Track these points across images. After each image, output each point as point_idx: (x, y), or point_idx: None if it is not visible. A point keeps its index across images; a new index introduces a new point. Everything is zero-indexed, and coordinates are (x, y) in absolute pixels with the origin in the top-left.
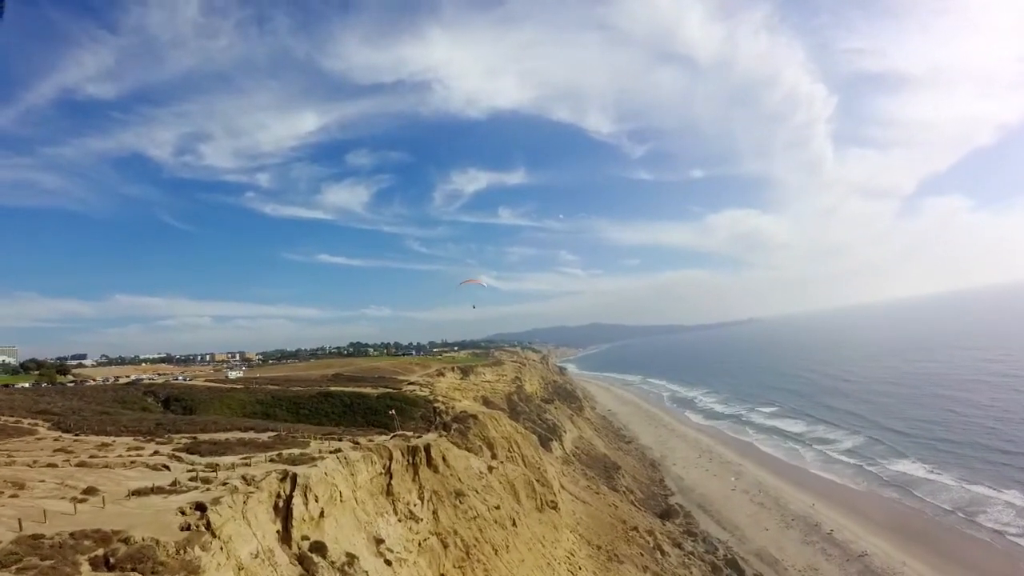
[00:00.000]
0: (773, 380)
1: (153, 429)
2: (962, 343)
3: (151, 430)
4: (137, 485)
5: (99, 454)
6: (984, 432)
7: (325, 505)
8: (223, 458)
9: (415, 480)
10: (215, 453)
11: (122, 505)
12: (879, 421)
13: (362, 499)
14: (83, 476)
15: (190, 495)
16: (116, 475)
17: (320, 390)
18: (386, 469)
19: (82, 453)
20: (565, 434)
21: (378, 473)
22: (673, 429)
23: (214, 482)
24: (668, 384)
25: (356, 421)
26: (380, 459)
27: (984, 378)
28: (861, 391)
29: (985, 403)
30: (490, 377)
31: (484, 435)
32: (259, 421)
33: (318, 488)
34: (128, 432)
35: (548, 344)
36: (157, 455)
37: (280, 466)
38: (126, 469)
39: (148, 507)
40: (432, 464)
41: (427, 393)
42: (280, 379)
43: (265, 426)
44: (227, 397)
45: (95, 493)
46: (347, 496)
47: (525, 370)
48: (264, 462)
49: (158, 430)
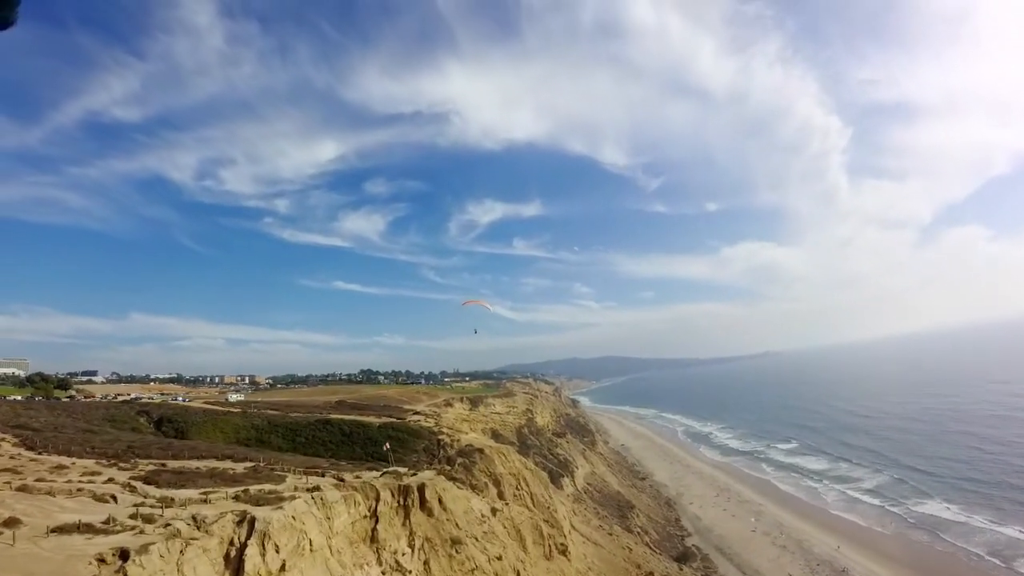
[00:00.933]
0: (789, 416)
1: (121, 452)
2: (984, 377)
3: (119, 453)
4: (68, 519)
5: (48, 477)
6: (1012, 471)
7: (288, 556)
8: (182, 491)
9: (405, 525)
10: (176, 485)
11: (35, 544)
12: (900, 459)
13: (339, 547)
14: (14, 503)
15: (119, 537)
16: (51, 504)
17: (319, 417)
18: (372, 511)
19: (30, 475)
20: (577, 470)
21: (362, 516)
22: (689, 465)
23: (157, 522)
24: (683, 418)
25: (354, 452)
26: (365, 500)
27: (1009, 413)
28: (881, 427)
29: (1011, 440)
30: (500, 409)
31: (491, 471)
32: (242, 449)
33: (280, 535)
34: (94, 454)
35: (561, 376)
36: (111, 483)
37: (242, 506)
38: (68, 498)
39: (63, 549)
40: (426, 506)
41: (432, 424)
42: (281, 404)
43: (246, 455)
44: (221, 421)
45: (15, 525)
46: (319, 544)
47: (537, 402)
48: (226, 499)
49: (126, 454)
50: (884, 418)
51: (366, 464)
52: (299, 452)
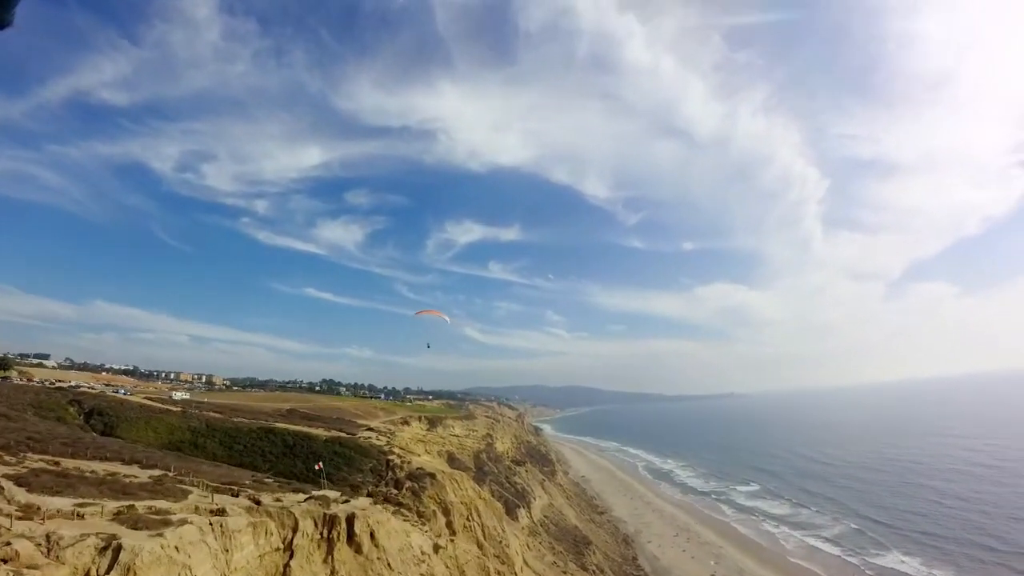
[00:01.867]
0: (750, 458)
1: (13, 444)
2: (944, 431)
3: (10, 444)
4: None
5: None
6: (968, 527)
7: None
8: (55, 499)
9: (327, 562)
10: (52, 490)
11: None
12: (860, 509)
13: None
14: None
15: None
16: None
17: (263, 425)
18: (287, 544)
19: None
20: (534, 501)
21: (273, 549)
22: (649, 502)
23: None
24: (645, 453)
25: (295, 467)
26: (280, 529)
27: (966, 468)
28: (841, 475)
29: (967, 495)
30: (459, 431)
31: (441, 499)
32: (159, 454)
33: (151, 570)
34: None
35: (526, 402)
36: None
37: (116, 527)
38: None
39: None
40: (355, 541)
41: (384, 443)
42: (227, 407)
43: (158, 460)
44: (156, 419)
45: None
46: None
47: (498, 427)
48: (101, 516)
49: (19, 446)
50: (845, 466)
51: (292, 484)
52: (234, 461)
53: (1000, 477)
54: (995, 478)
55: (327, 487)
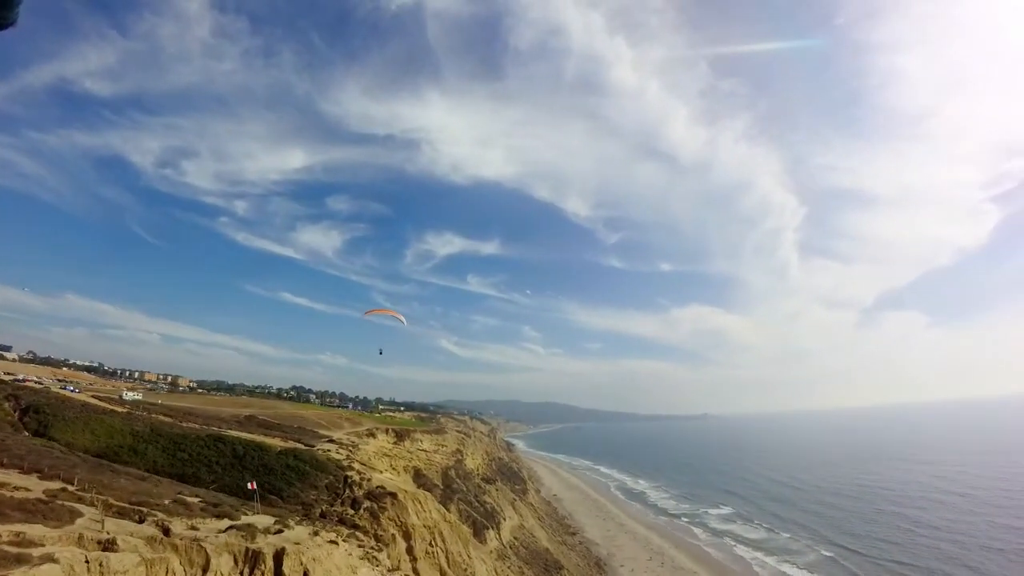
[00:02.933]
0: (723, 481)
1: None
2: (915, 457)
3: None
4: None
5: None
6: (942, 556)
7: None
8: None
9: None
10: None
11: None
12: (831, 536)
13: None
14: None
15: None
16: None
17: (213, 432)
18: None
19: None
20: (504, 522)
21: None
22: (622, 524)
23: None
24: (617, 473)
25: (242, 480)
26: (186, 567)
27: (937, 496)
28: (812, 501)
29: (939, 524)
30: (427, 446)
31: (401, 521)
32: (73, 460)
33: None
34: None
35: (499, 417)
36: None
37: None
38: None
39: None
40: None
41: (343, 456)
42: (181, 410)
43: (63, 471)
44: (96, 420)
45: None
46: None
47: (469, 442)
48: None
49: None
50: (816, 492)
51: (221, 506)
52: (175, 471)
53: (972, 506)
54: (967, 507)
55: (260, 511)
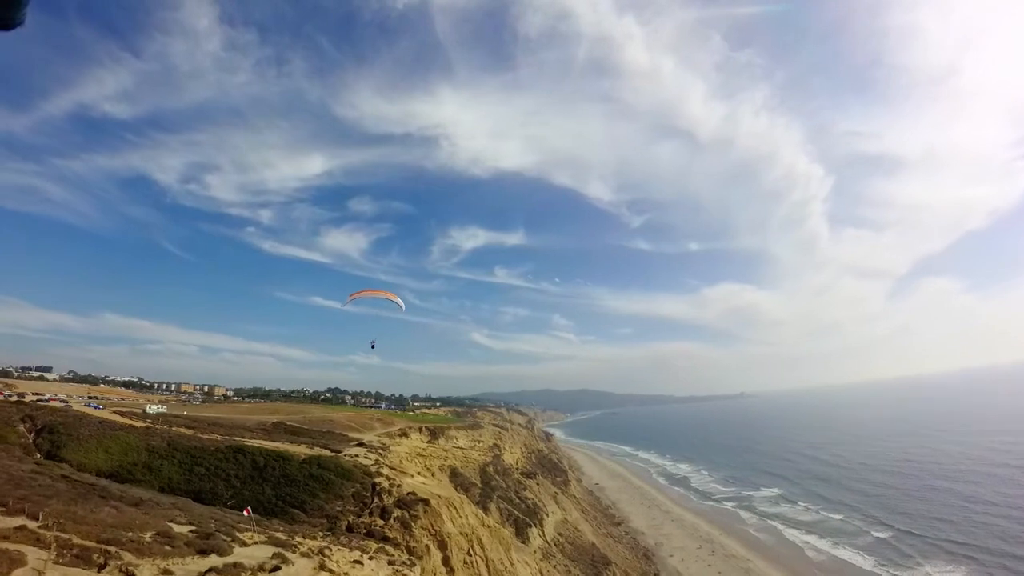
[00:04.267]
0: (765, 461)
1: None
2: (962, 428)
3: None
4: None
5: None
6: (1001, 535)
7: None
8: None
9: None
10: None
11: None
12: (882, 516)
13: None
14: None
15: None
16: None
17: (233, 443)
18: None
19: None
20: (547, 517)
21: None
22: (668, 511)
23: None
24: (658, 458)
25: (262, 493)
26: None
27: (988, 469)
28: (858, 479)
29: (995, 499)
30: (463, 443)
31: (436, 529)
32: (60, 487)
33: None
34: None
35: (535, 407)
36: None
37: None
38: None
39: None
40: None
41: (372, 461)
42: (205, 421)
43: (48, 504)
44: (111, 437)
45: None
46: None
47: (506, 436)
48: None
49: None
50: (861, 469)
51: (217, 535)
52: (192, 487)
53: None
54: (1018, 479)
55: (260, 541)
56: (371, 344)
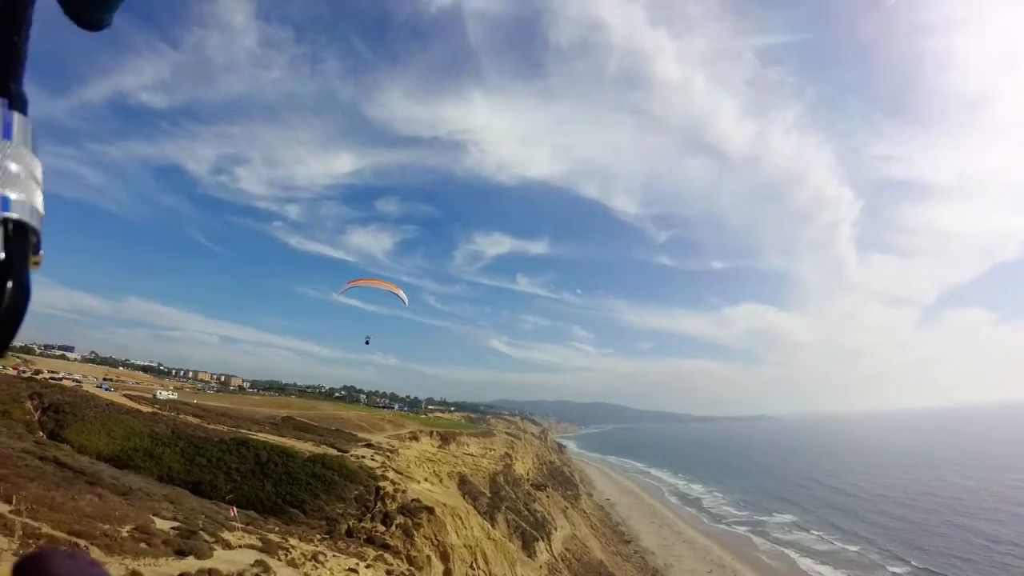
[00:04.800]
0: (781, 487)
1: None
2: (986, 463)
3: None
4: None
5: None
6: None
7: None
8: None
9: None
10: None
11: None
12: (897, 551)
13: None
14: None
15: None
16: None
17: (238, 435)
18: None
19: None
20: (555, 532)
21: None
22: (679, 531)
23: None
24: (671, 476)
25: (262, 489)
26: None
27: (1010, 508)
28: (875, 511)
29: (1014, 539)
30: (474, 450)
31: (439, 540)
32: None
33: None
34: None
35: (550, 418)
36: None
37: None
38: None
39: None
40: None
41: (377, 464)
42: (214, 411)
43: (28, 488)
44: (116, 421)
45: None
46: None
47: (519, 445)
48: None
49: None
50: (879, 501)
51: (197, 534)
52: (192, 478)
53: None
54: None
55: (241, 542)
56: (366, 339)
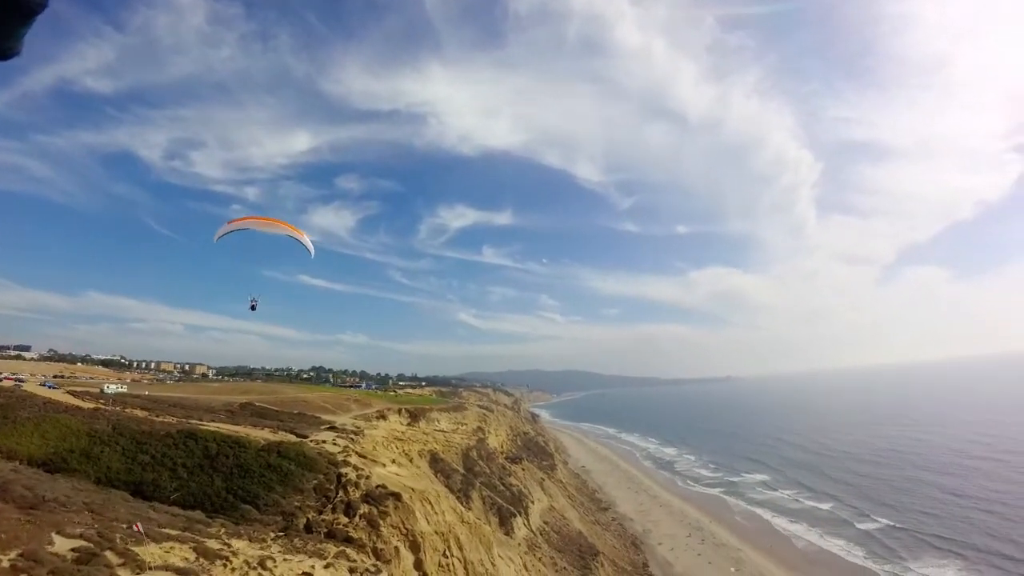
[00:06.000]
0: (750, 447)
1: None
2: (945, 419)
3: None
4: None
5: None
6: (985, 531)
7: None
8: None
9: None
10: None
11: None
12: (864, 508)
13: None
14: None
15: None
16: None
17: (186, 427)
18: None
19: None
20: (532, 505)
21: None
22: (655, 496)
23: None
24: (645, 440)
25: (211, 485)
26: None
27: (973, 463)
28: (842, 469)
29: (977, 493)
30: (445, 426)
31: (407, 528)
32: None
33: None
34: None
35: (522, 387)
36: None
37: None
38: None
39: None
40: None
41: (339, 449)
42: (165, 402)
43: None
44: (52, 420)
45: None
46: None
47: (492, 418)
48: None
49: None
50: (845, 458)
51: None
52: (133, 477)
53: (1008, 473)
54: (1006, 474)
55: (161, 561)
56: (251, 302)
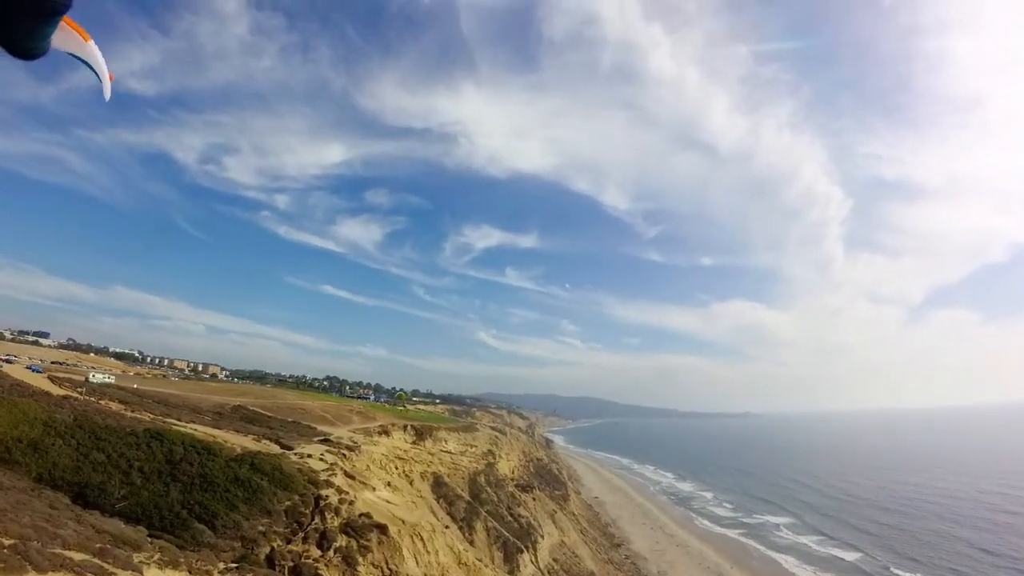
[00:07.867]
0: (770, 488)
1: None
2: (975, 467)
3: None
4: None
5: None
6: None
7: None
8: None
9: None
10: None
11: None
12: (888, 561)
13: None
14: None
15: None
16: None
17: (155, 426)
18: None
19: None
20: (541, 540)
21: None
22: (671, 534)
23: None
24: (660, 473)
25: (166, 496)
26: None
27: (999, 516)
28: (864, 516)
29: (1006, 551)
30: (453, 447)
31: (390, 568)
32: None
33: None
34: None
35: (537, 411)
36: None
37: None
38: None
39: None
40: None
41: (326, 465)
42: (149, 397)
43: None
44: (8, 403)
45: None
46: None
47: (503, 441)
48: None
49: None
50: (868, 505)
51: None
52: (80, 478)
53: None
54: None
55: None
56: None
